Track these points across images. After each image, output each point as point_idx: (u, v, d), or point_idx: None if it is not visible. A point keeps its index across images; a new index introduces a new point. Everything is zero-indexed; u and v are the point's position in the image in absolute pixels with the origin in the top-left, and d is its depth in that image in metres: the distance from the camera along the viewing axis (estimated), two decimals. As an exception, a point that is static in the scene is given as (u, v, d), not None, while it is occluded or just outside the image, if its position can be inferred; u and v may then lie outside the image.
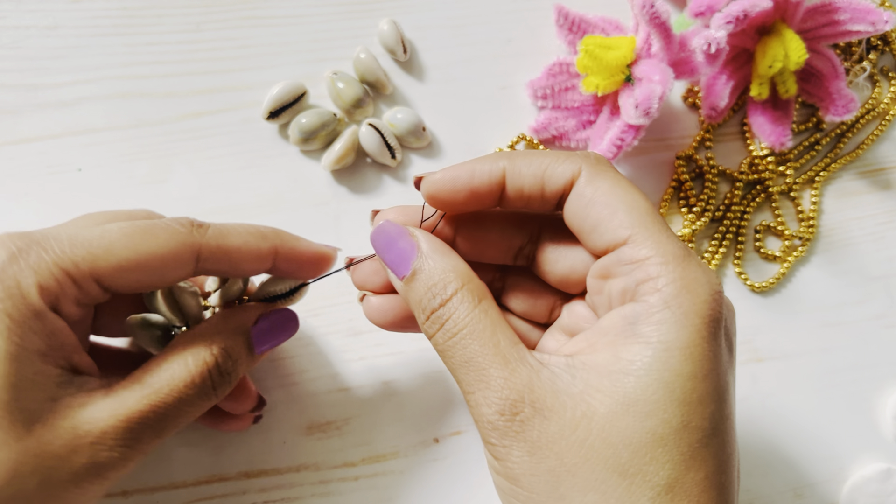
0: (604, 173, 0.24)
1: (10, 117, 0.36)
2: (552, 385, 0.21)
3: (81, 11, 0.37)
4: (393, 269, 0.25)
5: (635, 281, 0.22)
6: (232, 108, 0.37)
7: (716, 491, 0.21)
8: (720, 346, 0.22)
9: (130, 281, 0.25)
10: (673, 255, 0.22)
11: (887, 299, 0.38)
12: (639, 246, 0.22)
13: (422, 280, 0.24)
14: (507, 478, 0.22)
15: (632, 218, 0.23)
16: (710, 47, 0.33)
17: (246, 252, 0.27)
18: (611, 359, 0.21)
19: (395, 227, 0.25)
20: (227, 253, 0.26)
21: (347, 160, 0.36)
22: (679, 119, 0.40)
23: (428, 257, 0.24)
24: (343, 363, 0.35)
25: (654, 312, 0.21)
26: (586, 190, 0.24)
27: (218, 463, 0.33)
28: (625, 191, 0.23)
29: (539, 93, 0.38)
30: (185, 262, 0.25)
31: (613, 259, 0.23)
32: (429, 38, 0.39)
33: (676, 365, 0.21)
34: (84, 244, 0.24)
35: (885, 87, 0.41)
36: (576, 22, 0.37)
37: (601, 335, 0.22)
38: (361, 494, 0.33)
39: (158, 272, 0.25)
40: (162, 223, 0.25)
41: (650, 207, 0.23)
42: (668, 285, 0.21)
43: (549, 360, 0.22)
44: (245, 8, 0.38)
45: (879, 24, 0.34)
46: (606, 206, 0.23)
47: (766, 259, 0.39)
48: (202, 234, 0.26)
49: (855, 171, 0.40)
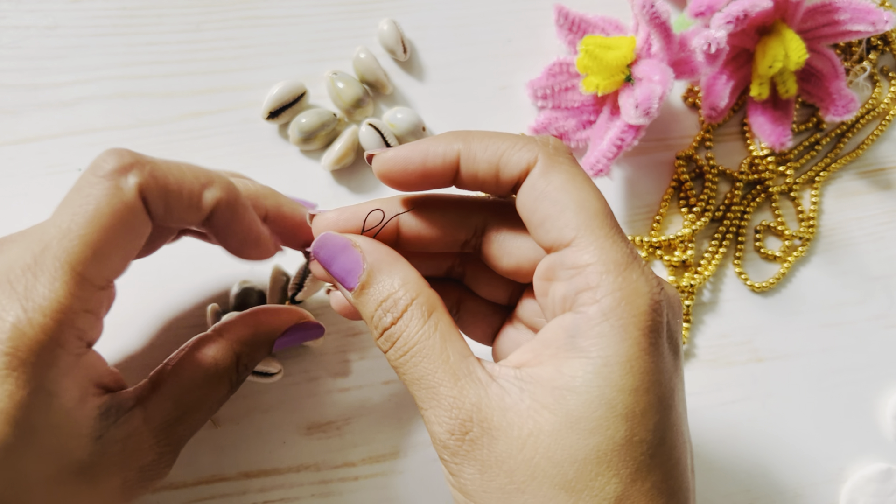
0: (559, 166, 0.23)
1: (10, 117, 0.36)
2: (500, 402, 0.21)
3: (81, 11, 0.37)
4: (340, 282, 0.24)
5: (575, 289, 0.22)
6: (232, 108, 0.37)
7: (665, 497, 0.21)
8: (661, 355, 0.21)
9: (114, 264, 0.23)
10: (615, 262, 0.21)
11: (887, 299, 0.38)
12: (581, 250, 0.22)
13: (371, 295, 0.23)
14: (461, 492, 0.22)
15: (579, 219, 0.22)
16: (710, 47, 0.33)
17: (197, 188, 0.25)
18: (554, 374, 0.21)
19: (336, 238, 0.25)
20: (177, 195, 0.24)
21: (347, 160, 0.36)
22: (679, 119, 0.40)
23: (375, 270, 0.24)
24: (343, 363, 0.35)
25: (593, 325, 0.21)
26: (538, 182, 0.23)
27: (218, 463, 0.33)
28: (577, 188, 0.23)
29: (539, 93, 0.38)
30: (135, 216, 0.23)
31: (556, 261, 0.23)
32: (429, 38, 0.39)
33: (617, 380, 0.20)
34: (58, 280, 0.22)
35: (885, 87, 0.41)
36: (576, 22, 0.37)
37: (544, 347, 0.22)
38: (361, 494, 0.33)
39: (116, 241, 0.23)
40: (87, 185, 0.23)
41: (601, 207, 0.22)
42: (607, 296, 0.21)
43: (499, 374, 0.22)
44: (245, 8, 0.38)
45: (879, 24, 0.34)
46: (556, 202, 0.22)
47: (766, 259, 0.39)
48: (138, 174, 0.24)
49: (855, 171, 0.40)
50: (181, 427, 0.27)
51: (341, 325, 0.35)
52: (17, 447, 0.21)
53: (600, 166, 0.34)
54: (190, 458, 0.33)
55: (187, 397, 0.27)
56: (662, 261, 0.38)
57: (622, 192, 0.38)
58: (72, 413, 0.23)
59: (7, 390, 0.21)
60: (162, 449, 0.26)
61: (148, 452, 0.25)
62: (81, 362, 0.23)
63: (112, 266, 0.24)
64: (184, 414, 0.26)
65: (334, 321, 0.35)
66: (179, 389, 0.27)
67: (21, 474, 0.22)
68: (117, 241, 0.23)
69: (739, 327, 0.37)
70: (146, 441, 0.25)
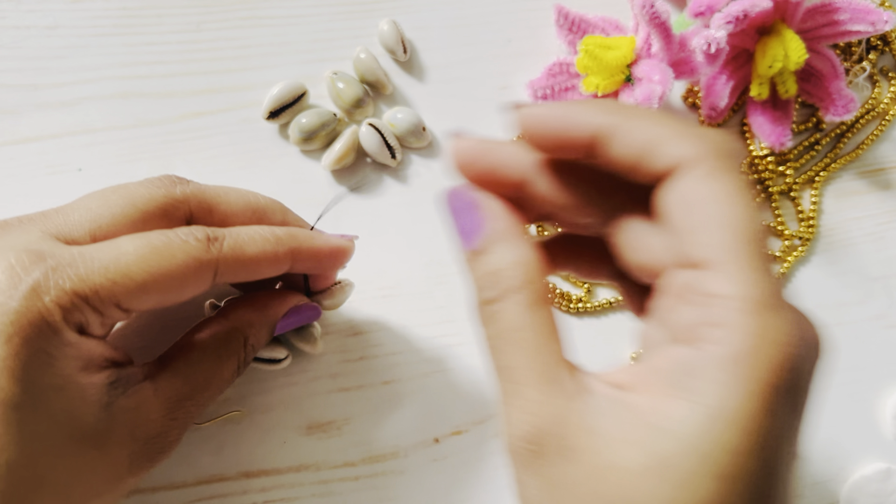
0: (721, 173, 0.20)
1: (10, 117, 0.36)
2: (586, 422, 0.19)
3: (81, 11, 0.37)
4: (459, 236, 0.23)
5: (704, 320, 0.19)
6: (232, 108, 0.37)
7: None
8: (779, 415, 0.19)
9: (149, 301, 0.25)
10: (755, 301, 0.18)
11: (887, 299, 0.38)
12: (721, 278, 0.19)
13: (483, 264, 0.22)
14: (521, 501, 0.21)
15: (727, 240, 0.19)
16: (709, 47, 0.33)
17: (263, 260, 0.27)
18: (652, 408, 0.19)
19: (467, 194, 0.23)
20: (244, 265, 0.26)
21: (347, 160, 0.36)
22: (679, 119, 0.40)
23: (493, 241, 0.22)
24: (343, 363, 0.35)
25: (710, 369, 0.18)
26: (693, 186, 0.20)
27: (218, 463, 0.33)
28: (734, 203, 0.20)
29: (539, 93, 0.38)
30: (203, 280, 0.26)
31: (691, 281, 0.20)
32: (429, 38, 0.39)
33: (719, 435, 0.18)
34: (101, 270, 0.23)
35: (885, 87, 0.41)
36: (576, 22, 0.37)
37: (650, 374, 0.20)
38: (362, 494, 0.33)
39: (177, 291, 0.25)
40: (178, 240, 0.25)
41: (755, 232, 0.19)
42: (735, 342, 0.18)
43: (594, 389, 0.20)
44: (245, 8, 0.38)
45: (879, 25, 0.34)
46: (706, 215, 0.19)
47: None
48: (219, 248, 0.26)
49: (855, 171, 0.40)
50: (190, 403, 0.27)
51: (342, 326, 0.35)
52: (26, 405, 0.22)
53: (600, 166, 0.34)
54: (190, 458, 0.33)
55: (196, 375, 0.27)
56: (662, 261, 0.38)
57: (622, 192, 0.38)
58: (78, 378, 0.23)
59: (12, 349, 0.22)
60: (170, 423, 0.26)
61: (156, 425, 0.26)
62: (80, 342, 0.24)
63: (143, 304, 0.25)
64: (193, 391, 0.27)
65: (335, 321, 0.35)
66: (188, 367, 0.27)
67: (30, 434, 0.22)
68: (166, 290, 0.25)
69: (739, 327, 0.37)
70: (155, 413, 0.26)
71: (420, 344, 0.35)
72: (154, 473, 0.32)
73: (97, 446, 0.24)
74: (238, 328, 0.29)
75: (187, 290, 0.25)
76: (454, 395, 0.35)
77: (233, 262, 0.26)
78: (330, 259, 0.29)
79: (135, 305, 0.24)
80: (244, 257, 0.26)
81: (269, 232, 0.28)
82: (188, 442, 0.33)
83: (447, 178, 0.37)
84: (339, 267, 0.31)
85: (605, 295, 0.37)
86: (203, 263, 0.25)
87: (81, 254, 0.24)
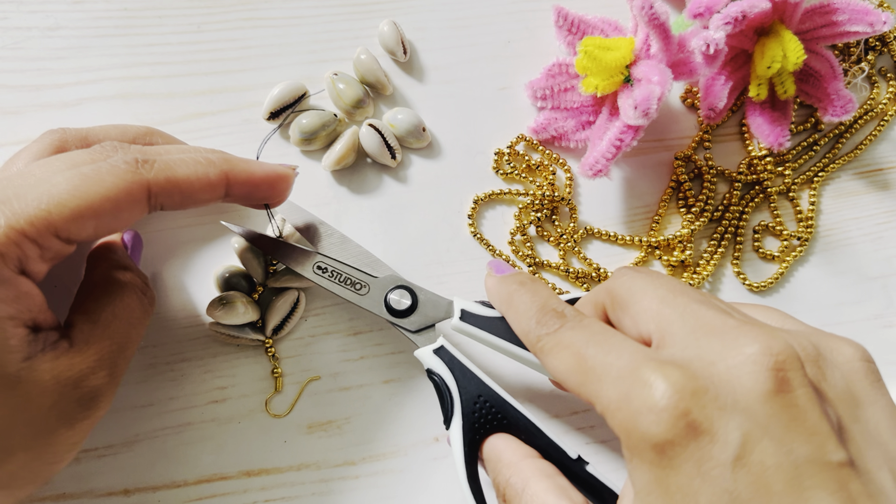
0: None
1: (12, 118, 0.36)
2: None
3: (83, 12, 0.38)
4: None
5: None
6: (232, 108, 0.37)
7: None
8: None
9: (87, 228, 0.25)
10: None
11: (885, 299, 0.38)
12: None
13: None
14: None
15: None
16: (708, 48, 0.33)
17: (196, 182, 0.27)
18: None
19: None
20: (177, 186, 0.27)
21: (348, 160, 0.36)
22: (678, 120, 0.40)
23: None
24: (343, 363, 0.35)
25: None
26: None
27: (219, 462, 0.33)
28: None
29: (538, 93, 0.38)
30: (138, 203, 0.26)
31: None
32: (429, 39, 0.39)
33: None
34: (34, 202, 0.24)
35: (883, 87, 0.41)
36: (575, 23, 0.37)
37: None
38: (362, 493, 0.33)
39: (111, 216, 0.25)
40: (107, 165, 0.25)
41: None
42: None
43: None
44: (246, 9, 0.38)
45: (878, 25, 0.34)
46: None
47: (765, 259, 0.39)
48: (149, 170, 0.26)
49: (853, 172, 0.40)
50: (107, 343, 0.27)
51: (342, 326, 0.35)
52: None
53: (599, 167, 0.34)
54: (191, 457, 0.33)
55: (105, 315, 0.27)
56: (661, 261, 0.38)
57: (621, 192, 0.39)
58: (5, 325, 0.23)
59: None
60: (95, 366, 0.26)
61: (79, 371, 0.26)
62: (18, 282, 0.24)
63: (81, 231, 0.25)
64: (105, 330, 0.27)
65: (335, 321, 0.35)
66: (96, 311, 0.27)
67: None
68: (101, 215, 0.25)
69: (738, 327, 0.37)
70: (78, 360, 0.26)
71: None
72: (155, 472, 0.33)
73: (17, 395, 0.24)
74: (110, 262, 0.29)
75: (123, 214, 0.25)
76: (454, 395, 0.35)
77: (165, 183, 0.26)
78: (266, 186, 0.29)
79: (74, 234, 0.25)
80: (175, 178, 0.26)
81: (200, 154, 0.28)
82: (189, 441, 0.33)
83: (449, 180, 0.38)
84: (279, 196, 0.31)
85: (604, 295, 0.37)
86: (134, 185, 0.25)
87: (15, 192, 0.24)
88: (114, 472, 0.33)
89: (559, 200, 0.37)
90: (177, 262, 0.35)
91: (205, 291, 0.35)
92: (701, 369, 0.21)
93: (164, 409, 0.33)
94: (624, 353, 0.23)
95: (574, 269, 0.37)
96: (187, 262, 0.35)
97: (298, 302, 0.34)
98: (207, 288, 0.35)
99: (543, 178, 0.38)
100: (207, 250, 0.35)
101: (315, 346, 0.35)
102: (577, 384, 0.24)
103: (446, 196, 0.37)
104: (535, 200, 0.37)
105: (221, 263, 0.35)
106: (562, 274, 0.37)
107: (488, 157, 0.38)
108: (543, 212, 0.37)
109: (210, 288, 0.35)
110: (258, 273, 0.34)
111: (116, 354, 0.27)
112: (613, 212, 0.38)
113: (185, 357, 0.34)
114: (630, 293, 0.25)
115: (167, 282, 0.35)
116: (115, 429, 0.33)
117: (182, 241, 0.35)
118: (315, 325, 0.35)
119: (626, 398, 0.21)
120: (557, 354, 0.25)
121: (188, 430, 0.33)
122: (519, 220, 0.37)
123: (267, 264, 0.35)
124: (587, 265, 0.37)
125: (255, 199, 0.30)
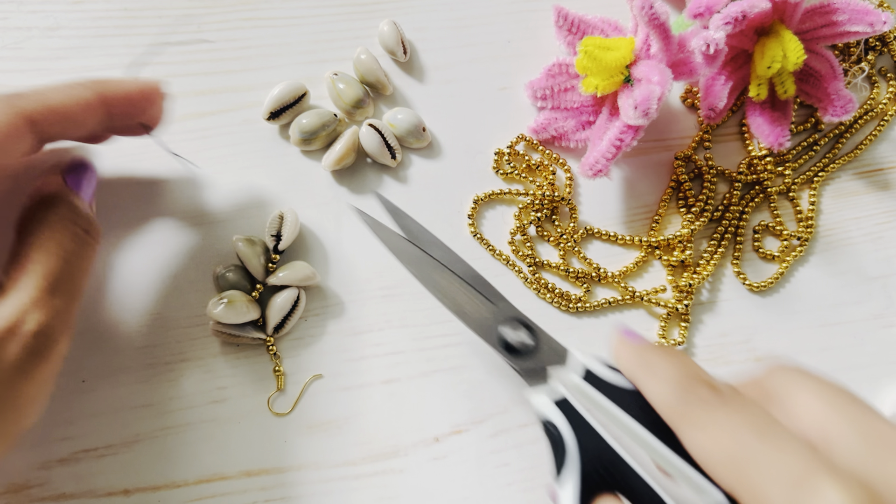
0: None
1: (12, 118, 0.36)
2: None
3: (83, 12, 0.38)
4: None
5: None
6: (232, 108, 0.37)
7: None
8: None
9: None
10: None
11: (885, 299, 0.38)
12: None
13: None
14: None
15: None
16: (708, 48, 0.33)
17: (74, 105, 0.27)
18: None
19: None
20: (55, 111, 0.27)
21: (348, 161, 0.36)
22: (678, 120, 0.40)
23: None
24: (343, 363, 0.35)
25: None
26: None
27: (219, 461, 0.33)
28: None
29: (538, 93, 0.38)
30: (21, 133, 0.26)
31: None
32: (429, 38, 0.39)
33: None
34: None
35: (884, 87, 0.41)
36: (575, 23, 0.37)
37: None
38: (362, 493, 0.33)
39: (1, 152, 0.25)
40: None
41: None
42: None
43: None
44: (246, 9, 0.38)
45: (878, 26, 0.34)
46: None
47: (765, 259, 0.39)
48: (22, 99, 0.26)
49: (853, 172, 0.40)
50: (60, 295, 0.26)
51: (342, 326, 0.35)
52: None
53: (599, 167, 0.34)
54: (191, 457, 0.33)
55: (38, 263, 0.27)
56: (661, 261, 0.38)
57: (621, 192, 0.39)
58: None
59: None
60: (32, 318, 0.25)
61: (17, 325, 0.25)
62: None
63: None
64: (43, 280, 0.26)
65: (335, 321, 0.35)
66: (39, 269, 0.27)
67: None
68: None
69: (738, 327, 0.37)
70: (5, 313, 0.25)
71: (420, 344, 0.35)
72: (155, 472, 0.33)
73: None
74: (38, 201, 0.28)
75: (9, 147, 0.25)
76: (454, 395, 0.35)
77: (43, 109, 0.26)
78: (143, 99, 0.30)
79: None
80: (51, 104, 0.26)
81: (72, 81, 0.28)
82: (189, 441, 0.33)
83: (449, 180, 0.38)
84: (157, 112, 0.31)
85: (603, 294, 0.37)
86: (10, 116, 0.25)
87: None
88: (114, 472, 0.33)
89: (559, 200, 0.37)
90: (176, 261, 0.35)
91: (204, 291, 0.35)
92: (887, 491, 0.19)
93: (164, 409, 0.33)
94: (797, 454, 0.20)
95: (574, 269, 0.37)
96: (187, 261, 0.35)
97: (299, 300, 0.34)
98: (207, 287, 0.35)
99: (543, 178, 0.38)
100: (207, 250, 0.35)
101: (315, 346, 0.35)
102: (730, 473, 0.21)
103: (446, 196, 0.37)
104: (535, 200, 0.37)
105: (220, 262, 0.35)
106: (562, 274, 0.37)
107: (488, 157, 0.38)
108: (543, 212, 0.37)
109: (209, 287, 0.35)
110: (258, 271, 0.34)
111: (49, 293, 0.26)
112: (613, 212, 0.38)
113: (185, 357, 0.34)
114: (785, 388, 0.23)
115: (167, 282, 0.35)
116: (115, 429, 0.33)
117: (181, 240, 0.35)
118: (315, 326, 0.35)
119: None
120: (711, 433, 0.22)
121: (188, 430, 0.33)
122: (519, 220, 0.37)
123: (267, 262, 0.35)
124: (587, 265, 0.37)
125: (135, 118, 0.30)
